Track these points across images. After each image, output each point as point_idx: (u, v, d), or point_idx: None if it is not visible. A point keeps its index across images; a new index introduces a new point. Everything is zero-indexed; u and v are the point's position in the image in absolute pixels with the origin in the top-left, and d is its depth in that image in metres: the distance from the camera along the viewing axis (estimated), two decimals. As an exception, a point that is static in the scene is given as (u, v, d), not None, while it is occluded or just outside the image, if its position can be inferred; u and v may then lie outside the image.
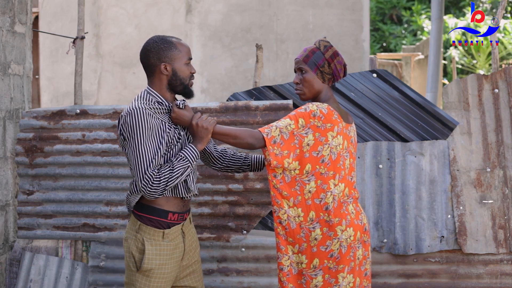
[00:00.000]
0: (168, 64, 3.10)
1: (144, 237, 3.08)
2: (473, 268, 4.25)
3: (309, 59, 3.18)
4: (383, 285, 4.28)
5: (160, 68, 3.11)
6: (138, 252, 3.08)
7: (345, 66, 3.24)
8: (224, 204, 4.34)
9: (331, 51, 3.19)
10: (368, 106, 4.33)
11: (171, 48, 3.11)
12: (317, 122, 3.06)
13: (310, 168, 3.08)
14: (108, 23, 8.94)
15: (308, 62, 3.18)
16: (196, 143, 3.10)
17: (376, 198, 4.31)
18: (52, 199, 4.48)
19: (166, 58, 3.10)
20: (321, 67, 3.17)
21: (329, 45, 3.21)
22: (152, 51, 3.11)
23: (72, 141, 4.46)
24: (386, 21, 19.66)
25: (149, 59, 3.12)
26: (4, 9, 4.38)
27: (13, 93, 4.51)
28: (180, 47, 3.13)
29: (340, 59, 3.21)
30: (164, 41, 3.12)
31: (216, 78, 8.84)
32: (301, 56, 3.21)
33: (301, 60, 3.20)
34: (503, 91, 4.33)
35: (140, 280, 3.08)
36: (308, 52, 3.20)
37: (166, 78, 3.12)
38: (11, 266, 4.50)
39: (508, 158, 4.27)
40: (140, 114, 3.01)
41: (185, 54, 3.13)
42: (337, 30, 8.78)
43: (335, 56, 3.19)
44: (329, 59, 3.18)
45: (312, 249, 3.10)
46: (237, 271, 4.36)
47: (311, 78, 3.18)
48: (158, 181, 2.98)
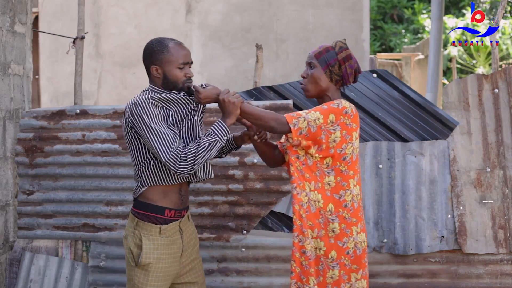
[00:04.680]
0: (159, 67, 3.12)
1: (141, 233, 3.13)
2: (473, 268, 4.25)
3: (321, 55, 3.16)
4: (383, 285, 4.28)
5: (151, 70, 3.14)
6: (136, 248, 3.13)
7: (356, 71, 3.20)
8: (224, 204, 4.34)
9: (345, 53, 3.16)
10: (368, 106, 4.33)
11: (163, 52, 3.11)
12: (347, 120, 3.06)
13: (330, 162, 3.08)
14: (108, 23, 8.94)
15: (320, 59, 3.15)
16: (225, 118, 3.07)
17: (376, 198, 4.31)
18: (52, 199, 4.48)
19: (157, 61, 3.12)
20: (331, 66, 3.14)
21: (345, 47, 3.18)
22: (147, 53, 3.15)
23: (72, 141, 4.46)
24: (387, 20, 19.67)
25: (144, 59, 3.17)
26: (4, 9, 4.38)
27: (13, 93, 4.51)
28: (173, 51, 3.12)
29: (352, 63, 3.17)
30: (159, 43, 3.13)
31: (216, 78, 8.84)
32: (314, 51, 3.19)
33: (313, 55, 3.18)
34: (503, 91, 4.33)
35: (139, 275, 3.13)
36: (322, 49, 3.17)
37: (159, 81, 3.14)
38: (11, 266, 4.50)
39: (508, 158, 4.27)
40: (146, 103, 3.05)
41: (178, 58, 3.12)
42: (337, 30, 8.78)
43: (348, 59, 3.16)
44: (341, 60, 3.15)
45: (330, 240, 3.10)
46: (237, 271, 4.36)
47: (318, 75, 3.15)
48: (185, 157, 2.99)
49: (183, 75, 3.14)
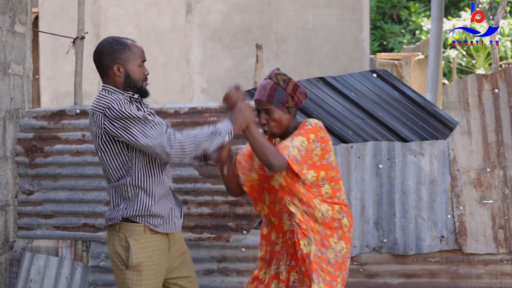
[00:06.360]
0: (121, 66, 3.11)
1: (126, 234, 3.10)
2: (473, 268, 4.25)
3: (272, 98, 3.11)
4: (383, 285, 4.28)
5: (113, 70, 3.11)
6: (124, 250, 3.11)
7: (305, 93, 3.21)
8: (224, 204, 4.34)
9: (291, 85, 3.13)
10: (368, 106, 4.33)
11: (124, 50, 3.11)
12: (322, 133, 3.12)
13: (324, 175, 3.14)
14: (108, 23, 8.94)
15: (274, 102, 3.11)
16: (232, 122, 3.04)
17: (376, 198, 4.31)
18: (52, 199, 4.48)
19: (119, 59, 3.11)
20: (286, 103, 3.12)
21: (287, 78, 3.15)
22: (106, 52, 3.12)
23: (72, 141, 4.46)
24: (386, 20, 19.67)
25: (101, 59, 3.13)
26: (4, 9, 4.38)
27: (13, 93, 4.51)
28: (134, 49, 3.13)
29: (302, 90, 3.17)
30: (118, 42, 3.13)
31: (216, 78, 8.84)
32: (262, 96, 3.12)
33: (265, 101, 3.12)
34: (503, 91, 4.33)
35: (131, 277, 3.10)
36: (269, 91, 3.11)
37: (120, 80, 3.13)
38: (11, 266, 4.50)
39: (508, 158, 4.27)
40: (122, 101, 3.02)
41: (139, 56, 3.13)
42: (337, 30, 8.78)
43: (296, 88, 3.14)
44: (292, 93, 3.13)
45: (346, 234, 3.20)
46: (237, 271, 4.36)
47: (279, 116, 3.12)
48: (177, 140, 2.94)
49: (143, 73, 3.16)
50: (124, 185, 3.10)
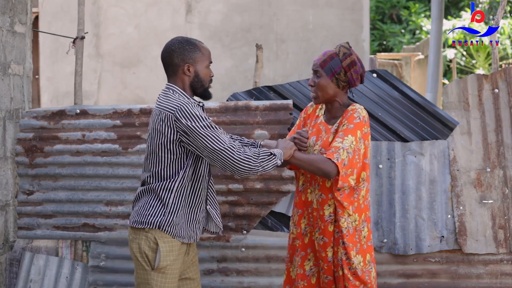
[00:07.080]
0: (191, 66, 3.15)
1: (155, 236, 3.12)
2: (473, 268, 4.25)
3: (326, 64, 3.18)
4: (383, 285, 4.28)
5: (183, 69, 3.15)
6: (151, 251, 3.12)
7: (361, 75, 3.24)
8: (224, 204, 4.34)
9: (349, 60, 3.18)
10: (368, 106, 4.33)
11: (195, 50, 3.16)
12: (366, 129, 3.16)
13: (365, 176, 3.17)
14: (108, 23, 8.94)
15: (325, 68, 3.18)
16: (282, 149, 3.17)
17: (376, 198, 4.31)
18: (52, 199, 4.48)
19: (190, 59, 3.14)
20: (337, 74, 3.17)
21: (349, 53, 3.19)
22: (177, 51, 3.15)
23: (72, 141, 4.46)
24: (386, 21, 19.66)
25: (172, 58, 3.16)
26: (4, 9, 4.38)
27: (13, 93, 4.51)
28: (203, 50, 3.19)
29: (357, 69, 3.20)
30: (189, 42, 3.17)
31: (216, 78, 8.78)
32: (319, 60, 3.21)
33: (318, 64, 3.20)
34: (503, 91, 4.33)
35: (156, 278, 3.12)
36: (326, 57, 3.19)
37: (188, 79, 3.16)
38: (11, 266, 4.50)
39: (508, 158, 4.27)
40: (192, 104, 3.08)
41: (207, 58, 3.20)
42: (337, 30, 8.78)
43: (352, 65, 3.18)
44: (346, 67, 3.17)
45: (363, 247, 3.22)
46: (237, 271, 4.36)
47: (325, 84, 3.19)
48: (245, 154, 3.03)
49: (209, 74, 3.22)
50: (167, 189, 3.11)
